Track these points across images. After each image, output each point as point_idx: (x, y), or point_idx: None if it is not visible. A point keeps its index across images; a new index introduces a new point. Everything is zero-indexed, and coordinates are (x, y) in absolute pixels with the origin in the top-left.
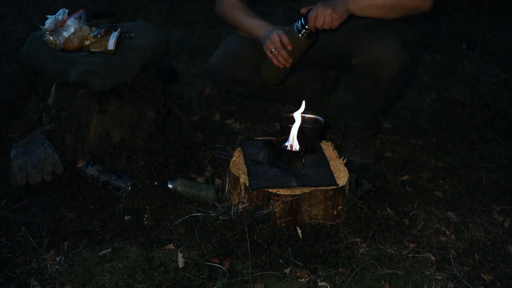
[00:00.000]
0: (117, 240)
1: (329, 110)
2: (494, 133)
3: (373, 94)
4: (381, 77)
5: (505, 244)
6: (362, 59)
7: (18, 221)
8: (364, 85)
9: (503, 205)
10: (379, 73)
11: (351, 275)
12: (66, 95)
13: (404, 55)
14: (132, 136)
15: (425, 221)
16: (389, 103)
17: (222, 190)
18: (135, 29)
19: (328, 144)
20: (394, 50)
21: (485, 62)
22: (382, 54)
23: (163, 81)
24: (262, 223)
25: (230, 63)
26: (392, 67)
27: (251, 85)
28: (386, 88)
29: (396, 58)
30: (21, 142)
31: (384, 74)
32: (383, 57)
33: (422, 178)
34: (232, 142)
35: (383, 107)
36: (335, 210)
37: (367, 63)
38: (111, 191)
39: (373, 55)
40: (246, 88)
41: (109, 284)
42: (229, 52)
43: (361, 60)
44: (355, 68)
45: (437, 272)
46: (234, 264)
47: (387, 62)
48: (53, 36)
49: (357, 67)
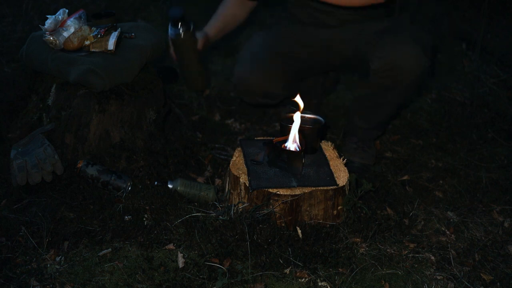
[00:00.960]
0: (117, 240)
1: (329, 110)
2: (494, 133)
3: (387, 98)
4: (399, 82)
5: (505, 244)
6: (382, 64)
7: (18, 221)
8: (379, 89)
9: (503, 205)
10: (398, 79)
11: (351, 275)
12: (66, 95)
13: (425, 61)
14: (132, 136)
15: (425, 221)
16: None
17: (222, 190)
18: (135, 29)
19: (328, 144)
20: (415, 57)
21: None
22: (403, 60)
23: (163, 81)
24: (262, 223)
25: (263, 79)
26: (412, 74)
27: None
28: (402, 93)
29: (417, 64)
30: (21, 142)
31: (403, 80)
32: (404, 63)
33: (422, 178)
34: (232, 142)
35: (393, 111)
36: (335, 210)
37: (386, 68)
38: (111, 191)
39: (394, 61)
40: (278, 99)
41: (109, 284)
42: (260, 66)
43: (380, 65)
44: (372, 72)
45: (437, 272)
46: (234, 264)
47: (407, 68)
48: (53, 36)
49: (375, 71)
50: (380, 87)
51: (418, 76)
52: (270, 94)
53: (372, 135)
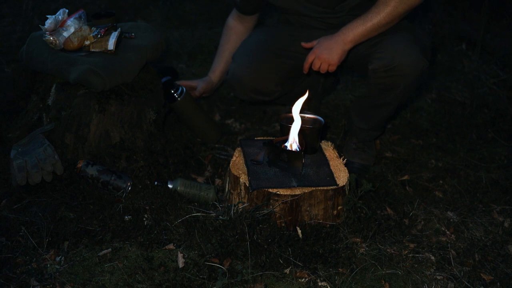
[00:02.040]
0: (117, 240)
1: (329, 110)
2: (494, 133)
3: (386, 99)
4: (398, 83)
5: (505, 244)
6: (380, 65)
7: (18, 221)
8: (378, 90)
9: (503, 205)
10: (397, 80)
11: (351, 275)
12: (66, 95)
13: (424, 62)
14: (132, 136)
15: (425, 221)
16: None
17: (222, 190)
18: (135, 29)
19: (328, 144)
20: (414, 57)
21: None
22: (402, 60)
23: None
24: (262, 223)
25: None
26: (411, 74)
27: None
28: (401, 94)
29: (416, 65)
30: (21, 142)
31: (402, 80)
32: (403, 64)
33: (422, 178)
34: (232, 142)
35: (393, 112)
36: (335, 210)
37: (385, 69)
38: (111, 191)
39: (392, 62)
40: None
41: (109, 284)
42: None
43: (379, 65)
44: (371, 73)
45: (437, 272)
46: (234, 264)
47: (406, 69)
48: (53, 36)
49: (374, 72)
50: (379, 88)
51: (417, 77)
52: (262, 90)
53: (371, 136)
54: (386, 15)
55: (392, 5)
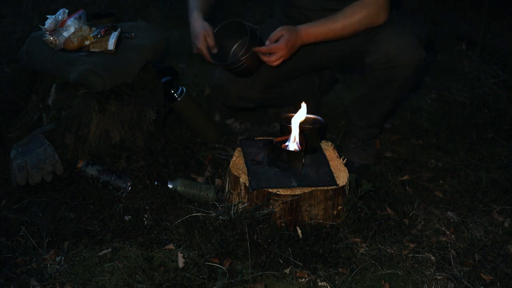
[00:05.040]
0: (117, 240)
1: (329, 110)
2: (494, 133)
3: (385, 93)
4: (397, 76)
5: (505, 244)
6: (378, 58)
7: (18, 221)
8: (377, 84)
9: (503, 205)
10: (395, 72)
11: (351, 275)
12: (66, 95)
13: (421, 53)
14: (132, 136)
15: (425, 221)
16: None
17: (222, 190)
18: (135, 29)
19: (328, 144)
20: (412, 49)
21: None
22: (399, 51)
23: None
24: (262, 223)
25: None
26: (409, 66)
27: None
28: (400, 87)
29: (414, 56)
30: (21, 142)
31: (401, 73)
32: (401, 56)
33: (422, 178)
34: (232, 142)
35: (391, 106)
36: (335, 210)
37: (382, 61)
38: (111, 191)
39: (390, 54)
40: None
41: (109, 284)
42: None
43: (376, 58)
44: (368, 67)
45: (437, 272)
46: (234, 264)
47: (404, 61)
48: (53, 36)
49: (371, 66)
50: (377, 82)
51: (415, 68)
52: (247, 98)
53: (371, 134)
54: (347, 24)
55: (357, 17)
